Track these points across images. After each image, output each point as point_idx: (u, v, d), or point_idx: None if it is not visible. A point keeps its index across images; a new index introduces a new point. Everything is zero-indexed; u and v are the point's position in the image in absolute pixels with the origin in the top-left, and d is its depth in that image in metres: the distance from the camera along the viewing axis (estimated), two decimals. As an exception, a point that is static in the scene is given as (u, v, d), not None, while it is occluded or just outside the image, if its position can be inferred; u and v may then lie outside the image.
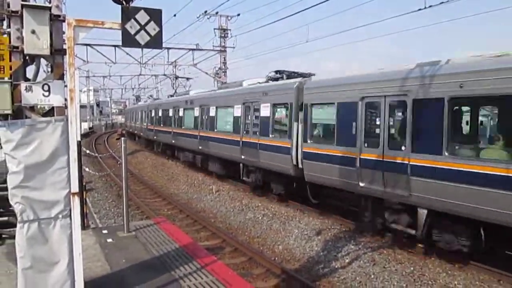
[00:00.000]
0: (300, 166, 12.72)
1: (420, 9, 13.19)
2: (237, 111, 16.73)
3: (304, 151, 12.46)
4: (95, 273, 5.81)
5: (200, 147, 20.86)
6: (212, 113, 19.63)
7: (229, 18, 32.82)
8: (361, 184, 10.38)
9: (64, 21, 4.40)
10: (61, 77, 4.57)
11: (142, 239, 7.51)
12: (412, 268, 8.81)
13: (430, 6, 12.64)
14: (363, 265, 9.14)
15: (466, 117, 9.42)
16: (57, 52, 4.48)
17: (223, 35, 33.03)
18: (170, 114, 26.65)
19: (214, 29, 32.79)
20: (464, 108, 9.38)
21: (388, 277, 8.52)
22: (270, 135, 14.30)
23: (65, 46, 4.33)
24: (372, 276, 8.64)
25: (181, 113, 24.60)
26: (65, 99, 4.44)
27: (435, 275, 8.49)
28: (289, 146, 13.10)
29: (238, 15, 32.43)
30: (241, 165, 16.81)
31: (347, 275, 8.86)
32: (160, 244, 7.25)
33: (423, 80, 8.84)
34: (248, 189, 17.01)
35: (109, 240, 7.42)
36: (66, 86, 4.45)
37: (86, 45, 27.90)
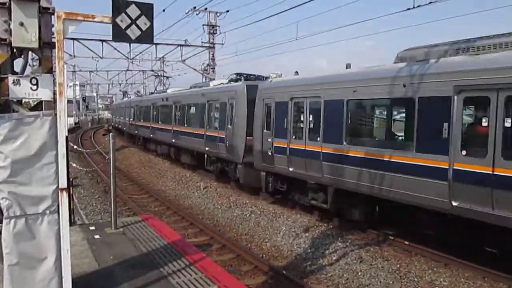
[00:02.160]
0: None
1: (408, 9, 13.29)
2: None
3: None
4: (82, 269, 5.76)
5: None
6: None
7: (218, 14, 32.70)
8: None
9: (53, 14, 4.33)
10: (50, 70, 4.50)
11: (130, 236, 7.45)
12: (398, 265, 8.92)
13: (418, 6, 12.74)
14: (350, 262, 9.21)
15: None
16: (45, 45, 4.40)
17: (211, 31, 32.89)
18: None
19: (203, 25, 32.64)
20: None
21: (375, 274, 8.60)
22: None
23: (54, 40, 4.26)
24: (359, 273, 8.71)
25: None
26: (54, 93, 4.37)
27: (421, 272, 8.60)
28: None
29: (227, 11, 32.30)
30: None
31: (334, 272, 8.91)
32: (148, 240, 7.21)
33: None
34: (236, 185, 17.04)
35: (97, 236, 7.35)
36: (54, 80, 4.39)
37: (73, 39, 27.52)
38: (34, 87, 4.32)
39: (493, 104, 7.48)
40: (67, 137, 4.27)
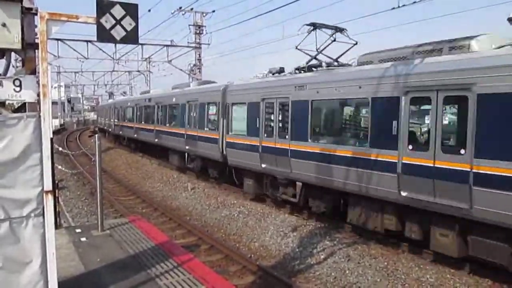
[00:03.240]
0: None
1: (393, 8, 13.42)
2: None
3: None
4: (69, 273, 5.70)
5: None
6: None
7: (204, 14, 32.64)
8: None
9: (36, 14, 4.26)
10: (33, 71, 4.43)
11: (117, 238, 7.40)
12: (385, 263, 8.99)
13: (403, 5, 12.87)
14: (338, 261, 9.26)
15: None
16: (29, 46, 4.34)
17: (198, 31, 32.80)
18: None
19: (189, 25, 32.54)
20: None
21: (363, 272, 8.67)
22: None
23: (37, 40, 4.20)
24: (347, 272, 8.77)
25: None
26: (38, 95, 4.31)
27: (408, 269, 8.69)
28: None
29: (213, 11, 32.27)
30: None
31: (322, 270, 8.96)
32: (135, 242, 7.16)
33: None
34: (226, 186, 17.02)
35: (83, 239, 7.28)
36: (38, 81, 4.33)
37: (57, 39, 27.22)
38: (18, 89, 4.25)
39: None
40: (51, 139, 4.23)
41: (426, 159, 8.37)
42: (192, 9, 31.37)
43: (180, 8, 30.33)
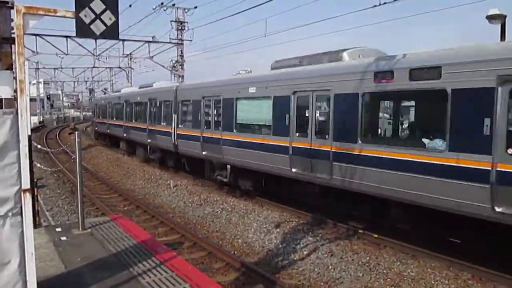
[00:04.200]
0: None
1: (375, 6, 13.51)
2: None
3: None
4: (48, 272, 5.58)
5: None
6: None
7: (186, 10, 32.37)
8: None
9: (12, 7, 4.14)
10: (10, 67, 4.31)
11: (99, 236, 7.29)
12: (368, 258, 9.07)
13: (384, 3, 12.96)
14: (321, 257, 9.32)
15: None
16: (4, 41, 4.22)
17: (180, 27, 32.53)
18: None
19: (171, 21, 32.25)
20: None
21: (345, 267, 8.73)
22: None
23: (13, 35, 4.09)
24: (330, 267, 8.83)
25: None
26: (14, 91, 4.20)
27: (389, 264, 8.79)
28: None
29: (195, 7, 32.01)
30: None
31: (305, 266, 9.00)
32: (117, 240, 7.07)
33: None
34: (214, 184, 16.96)
35: (63, 238, 7.15)
36: (15, 77, 4.21)
37: (35, 35, 26.66)
38: (-7, 85, 4.13)
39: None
40: (29, 136, 4.12)
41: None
42: (174, 5, 31.13)
43: (162, 4, 30.01)
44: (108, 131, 31.20)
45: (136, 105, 24.81)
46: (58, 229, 7.75)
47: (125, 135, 26.85)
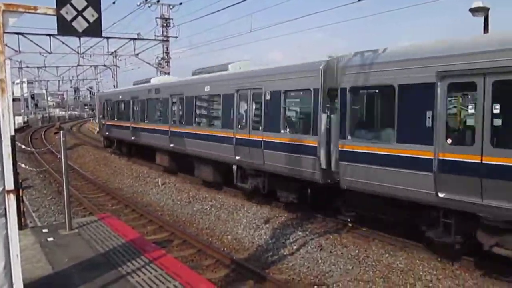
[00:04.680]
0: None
1: (359, 0, 13.53)
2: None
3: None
4: (35, 274, 5.51)
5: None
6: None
7: (171, 7, 32.14)
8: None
9: (-9, 5, 4.06)
10: (-10, 66, 4.22)
11: (86, 236, 7.21)
12: (357, 251, 9.14)
13: (365, -2, 13.00)
14: (311, 251, 9.36)
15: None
16: (-16, 40, 4.13)
17: (165, 24, 32.29)
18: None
19: (156, 18, 31.99)
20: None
21: (335, 261, 8.78)
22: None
23: (-7, 33, 4.00)
24: (320, 261, 8.87)
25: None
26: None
27: (378, 256, 8.86)
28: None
29: (180, 4, 31.76)
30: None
31: (295, 261, 9.03)
32: (105, 240, 7.00)
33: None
34: (198, 180, 16.95)
35: (50, 239, 7.05)
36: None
37: (18, 33, 26.24)
38: (-27, 84, 4.04)
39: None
40: (13, 137, 4.04)
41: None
42: (158, 1, 30.87)
43: (146, 0, 29.76)
44: (133, 138, 22.40)
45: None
46: (45, 230, 7.64)
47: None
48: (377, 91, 9.45)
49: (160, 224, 11.95)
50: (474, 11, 12.64)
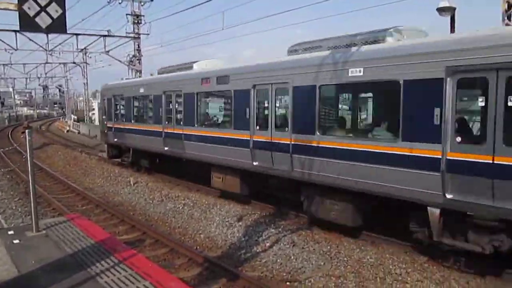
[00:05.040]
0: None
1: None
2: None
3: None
4: (0, 277, 5.35)
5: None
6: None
7: (142, 3, 31.71)
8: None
9: None
10: None
11: (54, 238, 7.04)
12: (329, 247, 9.25)
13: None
14: (283, 248, 9.42)
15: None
16: None
17: (136, 21, 31.81)
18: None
19: (127, 14, 31.48)
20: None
21: (307, 257, 8.87)
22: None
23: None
24: (292, 257, 8.94)
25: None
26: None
27: (350, 251, 9.00)
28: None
29: (152, 0, 31.38)
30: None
31: (268, 258, 9.07)
32: (74, 241, 6.85)
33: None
34: (167, 178, 16.77)
35: (16, 241, 6.85)
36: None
37: (-20, 30, 25.37)
38: None
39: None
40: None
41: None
42: (129, -3, 30.38)
43: (117, -4, 29.26)
44: (168, 148, 16.01)
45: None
46: (11, 232, 7.41)
47: (257, 163, 12.09)
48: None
49: (132, 223, 11.78)
50: (441, 10, 12.97)
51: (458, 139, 7.40)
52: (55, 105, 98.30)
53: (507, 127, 6.77)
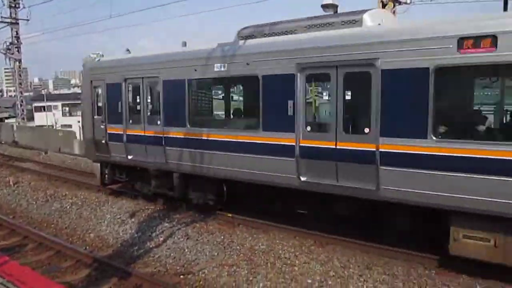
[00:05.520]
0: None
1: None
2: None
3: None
4: None
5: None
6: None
7: (20, -15, 28.92)
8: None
9: None
10: None
11: None
12: (222, 237, 9.39)
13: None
14: (177, 241, 9.35)
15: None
16: None
17: (13, 5, 28.95)
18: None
19: (2, -3, 28.51)
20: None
21: (201, 249, 8.91)
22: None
23: None
24: (186, 250, 8.92)
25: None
26: None
27: (242, 240, 9.23)
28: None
29: (31, -17, 28.77)
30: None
31: (162, 253, 8.94)
32: None
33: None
34: (53, 177, 15.66)
35: None
36: None
37: None
38: None
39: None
40: None
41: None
42: (4, -22, 27.55)
43: (-12, -23, 26.34)
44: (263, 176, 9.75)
45: None
46: None
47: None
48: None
49: (12, 228, 10.80)
50: (325, 7, 13.73)
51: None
52: None
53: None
